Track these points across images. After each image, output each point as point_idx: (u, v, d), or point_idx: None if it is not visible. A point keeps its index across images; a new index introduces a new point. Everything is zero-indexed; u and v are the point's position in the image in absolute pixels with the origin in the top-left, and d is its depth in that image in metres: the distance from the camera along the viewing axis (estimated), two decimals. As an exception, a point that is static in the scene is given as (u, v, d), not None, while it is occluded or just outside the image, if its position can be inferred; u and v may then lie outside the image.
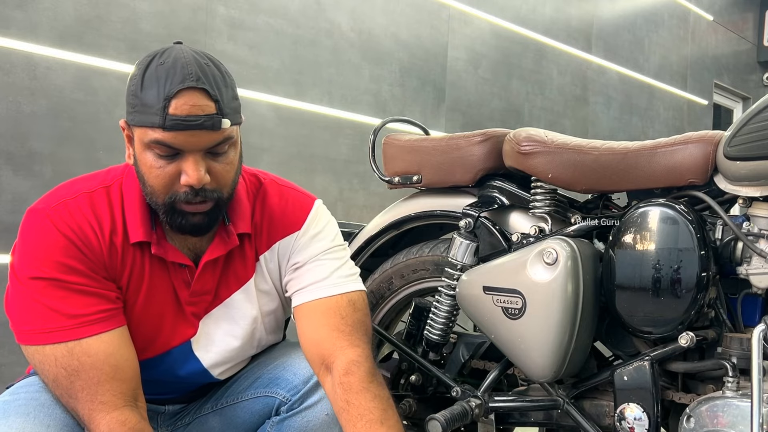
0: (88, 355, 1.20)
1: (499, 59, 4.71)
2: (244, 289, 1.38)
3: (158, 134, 1.18)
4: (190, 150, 1.20)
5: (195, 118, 1.18)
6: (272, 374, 1.41)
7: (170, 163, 1.21)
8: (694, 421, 1.37)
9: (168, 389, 1.41)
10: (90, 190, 1.28)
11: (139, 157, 1.24)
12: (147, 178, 1.23)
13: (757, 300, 1.43)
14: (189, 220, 1.25)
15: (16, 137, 2.60)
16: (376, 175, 1.84)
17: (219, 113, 1.21)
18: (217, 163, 1.24)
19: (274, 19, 3.45)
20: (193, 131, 1.18)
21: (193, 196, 1.22)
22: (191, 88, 1.18)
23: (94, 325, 1.21)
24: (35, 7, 2.65)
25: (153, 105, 1.18)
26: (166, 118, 1.17)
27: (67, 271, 1.21)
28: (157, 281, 1.31)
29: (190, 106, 1.18)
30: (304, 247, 1.40)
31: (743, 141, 1.36)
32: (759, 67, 8.06)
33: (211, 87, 1.20)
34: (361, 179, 3.86)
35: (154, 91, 1.18)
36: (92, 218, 1.26)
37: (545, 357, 1.45)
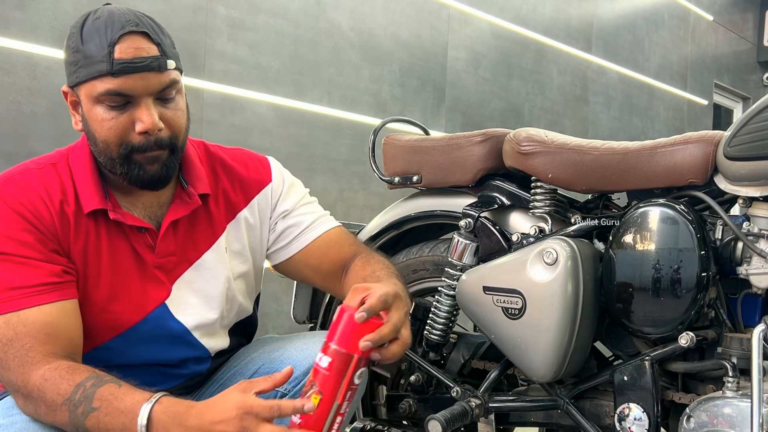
0: (24, 324, 1.18)
1: (499, 59, 4.72)
2: (213, 249, 1.40)
3: (107, 83, 1.19)
4: (140, 94, 1.21)
5: (141, 59, 1.20)
6: (270, 368, 1.41)
7: (122, 113, 1.22)
8: (694, 421, 1.37)
9: (158, 376, 1.39)
10: (38, 167, 1.30)
11: (88, 116, 1.24)
12: (99, 133, 1.24)
13: (757, 300, 1.43)
14: (147, 171, 1.25)
15: (16, 137, 2.60)
16: (376, 175, 1.84)
17: (163, 55, 1.23)
18: (167, 109, 1.26)
19: (274, 19, 3.45)
20: (141, 73, 1.20)
21: (149, 144, 1.24)
22: (132, 33, 1.20)
23: (34, 297, 1.20)
24: (35, 7, 2.65)
25: (97, 54, 1.19)
26: (113, 63, 1.18)
27: (12, 244, 1.21)
28: (117, 248, 1.30)
29: (134, 49, 1.20)
30: (286, 196, 1.49)
31: (743, 141, 1.36)
32: (759, 67, 8.07)
33: (152, 31, 1.23)
34: (361, 179, 3.86)
35: (96, 41, 1.20)
36: (42, 190, 1.26)
37: (545, 357, 1.45)
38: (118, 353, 1.33)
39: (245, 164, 1.48)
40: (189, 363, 1.42)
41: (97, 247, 1.29)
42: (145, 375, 1.36)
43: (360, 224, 1.96)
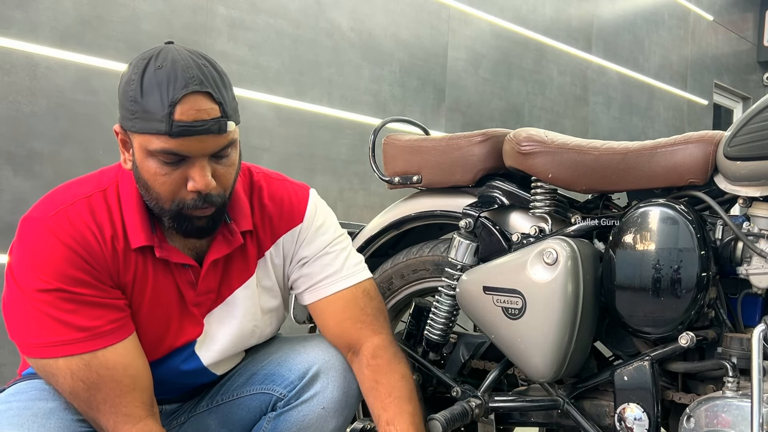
0: (106, 368, 1.19)
1: (499, 59, 4.72)
2: (246, 285, 1.38)
3: (164, 142, 1.16)
4: (196, 156, 1.18)
5: (202, 123, 1.16)
6: (267, 371, 1.41)
7: (176, 169, 1.19)
8: (694, 421, 1.37)
9: (166, 389, 1.41)
10: (87, 195, 1.26)
11: (141, 165, 1.21)
12: (152, 185, 1.21)
13: (757, 300, 1.43)
14: (195, 225, 1.24)
15: (16, 137, 2.60)
16: (376, 175, 1.84)
17: (224, 116, 1.19)
18: (220, 165, 1.23)
19: (274, 19, 3.45)
20: (200, 136, 1.16)
21: (200, 202, 1.21)
22: (195, 93, 1.16)
23: (107, 336, 1.21)
24: (35, 7, 2.65)
25: (157, 112, 1.15)
26: (173, 125, 1.14)
27: (73, 283, 1.19)
28: (161, 283, 1.30)
29: (196, 111, 1.15)
30: (310, 241, 1.41)
31: (743, 141, 1.36)
32: (759, 67, 8.06)
33: (214, 89, 1.18)
34: (361, 179, 3.86)
35: (156, 97, 1.15)
36: (93, 225, 1.23)
37: (545, 357, 1.45)
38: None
39: (281, 201, 1.42)
40: (198, 384, 1.45)
41: (143, 281, 1.29)
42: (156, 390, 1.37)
43: (360, 224, 1.96)
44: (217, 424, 1.44)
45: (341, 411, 1.38)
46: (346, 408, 1.39)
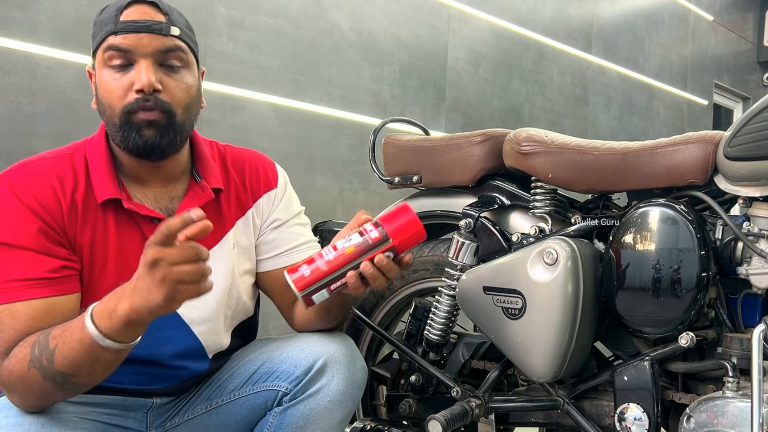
0: (11, 317, 1.20)
1: (499, 59, 4.72)
2: (220, 244, 1.41)
3: (110, 41, 1.26)
4: (140, 54, 1.26)
5: (144, 21, 1.27)
6: (269, 368, 1.41)
7: (124, 74, 1.26)
8: (694, 421, 1.37)
9: (153, 373, 1.39)
10: (53, 156, 1.32)
11: (98, 84, 1.29)
12: (105, 98, 1.28)
13: (757, 300, 1.43)
14: (142, 135, 1.27)
15: (16, 137, 2.60)
16: (376, 175, 1.84)
17: (169, 22, 1.29)
18: (169, 78, 1.29)
19: (274, 19, 3.45)
20: (142, 33, 1.26)
21: (143, 101, 1.26)
22: (142, 2, 1.29)
23: (27, 290, 1.21)
24: (35, 7, 2.65)
25: (107, 18, 1.28)
26: (117, 24, 1.26)
27: (14, 234, 1.22)
28: (126, 239, 1.31)
29: (140, 13, 1.27)
30: (285, 206, 1.50)
31: (743, 141, 1.36)
32: (759, 67, 8.07)
33: (163, 5, 1.30)
34: (361, 179, 3.86)
35: (109, 10, 1.29)
36: (54, 179, 1.28)
37: (545, 357, 1.45)
38: None
39: (255, 165, 1.50)
40: (186, 361, 1.41)
41: (104, 237, 1.30)
42: (141, 374, 1.36)
43: (360, 224, 1.96)
44: (217, 425, 1.43)
45: (346, 403, 1.40)
46: (351, 400, 1.41)
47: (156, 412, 1.43)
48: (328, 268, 1.24)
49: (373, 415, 1.91)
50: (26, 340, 1.18)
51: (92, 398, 1.32)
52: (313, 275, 1.24)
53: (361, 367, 1.43)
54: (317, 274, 1.24)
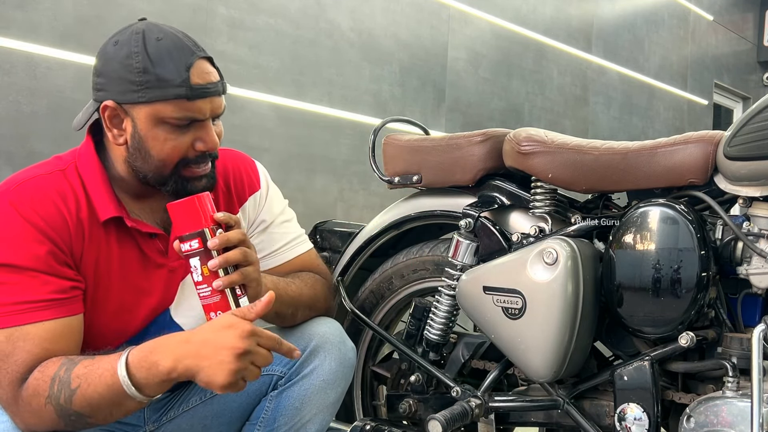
0: (23, 340, 1.17)
1: (499, 59, 4.72)
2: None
3: (181, 106, 1.22)
4: (207, 117, 1.26)
5: (213, 85, 1.25)
6: None
7: (185, 133, 1.25)
8: (694, 421, 1.37)
9: None
10: (47, 173, 1.28)
11: (146, 135, 1.24)
12: (157, 151, 1.25)
13: (757, 300, 1.43)
14: (196, 186, 1.28)
15: (16, 137, 2.60)
16: (376, 175, 1.84)
17: (222, 79, 1.29)
18: (216, 127, 1.31)
19: (274, 19, 3.45)
20: (211, 98, 1.25)
21: (202, 159, 1.28)
22: (201, 58, 1.26)
23: (38, 312, 1.18)
24: (35, 7, 2.65)
25: (174, 78, 1.21)
26: (192, 88, 1.22)
27: (22, 256, 1.19)
28: (127, 256, 1.31)
29: (206, 74, 1.25)
30: (269, 206, 1.51)
31: (743, 141, 1.36)
32: (759, 67, 8.07)
33: (210, 57, 1.29)
34: (361, 179, 3.86)
35: (170, 64, 1.21)
36: (57, 197, 1.25)
37: (545, 357, 1.45)
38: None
39: (238, 168, 1.49)
40: None
41: (108, 255, 1.29)
42: None
43: (360, 224, 1.96)
44: (213, 415, 1.45)
45: (339, 382, 1.44)
46: (343, 379, 1.45)
47: (153, 407, 1.44)
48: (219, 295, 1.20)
49: (373, 415, 1.91)
50: (45, 370, 1.15)
51: None
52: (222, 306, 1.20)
53: (350, 347, 1.47)
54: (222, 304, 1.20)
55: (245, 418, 1.46)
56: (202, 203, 1.20)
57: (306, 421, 1.41)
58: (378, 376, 1.90)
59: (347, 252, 1.89)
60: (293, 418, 1.40)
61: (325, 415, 1.44)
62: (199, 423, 1.45)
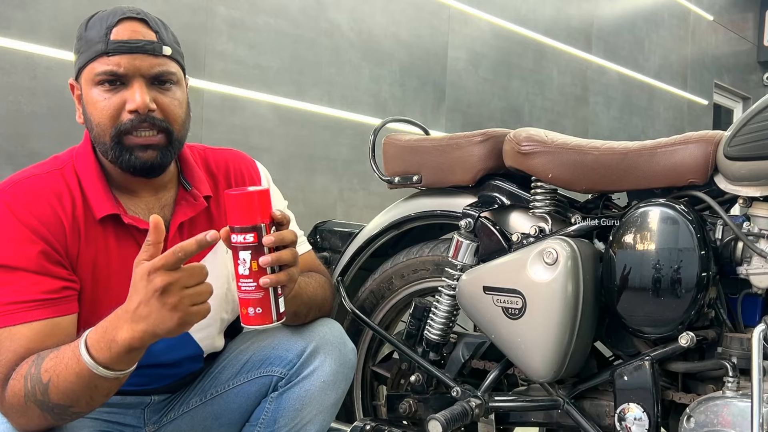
0: (10, 340, 1.16)
1: (499, 59, 4.72)
2: (214, 250, 1.40)
3: (102, 63, 1.23)
4: (132, 74, 1.24)
5: (136, 41, 1.24)
6: (261, 356, 1.43)
7: (115, 93, 1.24)
8: (694, 421, 1.37)
9: (152, 375, 1.40)
10: (43, 172, 1.28)
11: (86, 101, 1.26)
12: (94, 116, 1.25)
13: (757, 300, 1.43)
14: (139, 157, 1.26)
15: (16, 137, 2.60)
16: (376, 175, 1.84)
17: (160, 41, 1.27)
18: (162, 95, 1.27)
19: (274, 19, 3.45)
20: (134, 54, 1.23)
21: (138, 122, 1.24)
22: (132, 18, 1.26)
23: (26, 312, 1.17)
24: (35, 7, 2.65)
25: (96, 36, 1.24)
26: (108, 44, 1.23)
27: (14, 256, 1.19)
28: (126, 254, 1.29)
29: (131, 32, 1.25)
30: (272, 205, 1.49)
31: (743, 141, 1.36)
32: (759, 67, 8.07)
33: (152, 22, 1.28)
34: (361, 179, 3.86)
35: (96, 27, 1.25)
36: (52, 198, 1.25)
37: (545, 357, 1.45)
38: None
39: (239, 167, 1.49)
40: (184, 362, 1.43)
41: (106, 253, 1.29)
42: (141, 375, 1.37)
43: (360, 224, 1.96)
44: (213, 416, 1.45)
45: (339, 383, 1.43)
46: (343, 380, 1.44)
47: (153, 408, 1.44)
48: (263, 292, 1.19)
49: (373, 415, 1.91)
50: (19, 370, 1.15)
51: None
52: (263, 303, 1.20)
53: (350, 348, 1.46)
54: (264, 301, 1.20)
55: (245, 420, 1.46)
56: (264, 197, 1.19)
57: (306, 422, 1.41)
58: (378, 376, 1.90)
59: (347, 252, 1.89)
60: (293, 420, 1.40)
61: (326, 416, 1.43)
62: (200, 424, 1.45)
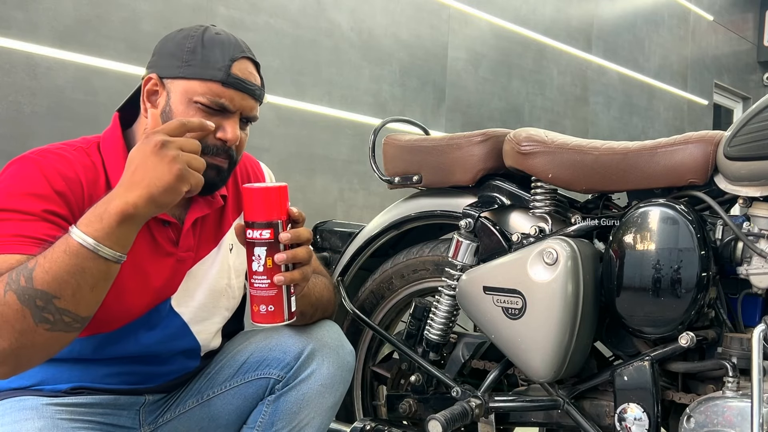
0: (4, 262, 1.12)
1: (499, 59, 4.72)
2: (219, 246, 1.44)
3: (215, 89, 1.28)
4: (235, 111, 1.31)
5: (251, 83, 1.32)
6: (258, 357, 1.43)
7: (211, 117, 1.29)
8: (694, 421, 1.37)
9: (146, 373, 1.40)
10: (71, 148, 1.31)
11: (175, 111, 1.29)
12: None
13: (757, 300, 1.43)
14: (206, 174, 1.26)
15: (16, 137, 2.60)
16: (376, 175, 1.84)
17: (263, 88, 1.37)
18: (242, 132, 1.36)
19: (274, 19, 3.45)
20: (245, 95, 1.31)
21: (221, 151, 1.31)
22: (249, 59, 1.34)
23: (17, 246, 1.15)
24: (35, 7, 2.65)
25: (217, 62, 1.29)
26: (230, 76, 1.29)
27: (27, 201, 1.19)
28: (139, 240, 1.26)
29: (248, 73, 1.33)
30: None
31: (743, 141, 1.36)
32: (759, 67, 8.07)
33: (259, 67, 1.37)
34: (361, 179, 3.86)
35: (218, 51, 1.30)
36: (79, 168, 1.27)
37: (545, 357, 1.45)
38: (121, 340, 1.34)
39: (245, 166, 1.53)
40: (179, 358, 1.43)
41: None
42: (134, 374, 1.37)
43: (360, 224, 1.96)
44: (209, 418, 1.44)
45: (337, 386, 1.43)
46: (341, 383, 1.44)
47: (148, 409, 1.44)
48: (276, 289, 1.19)
49: (373, 415, 1.91)
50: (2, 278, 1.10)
51: (85, 399, 1.33)
52: (275, 301, 1.20)
53: (349, 350, 1.46)
54: (276, 299, 1.20)
55: (242, 422, 1.45)
56: (283, 194, 1.20)
57: (304, 425, 1.41)
58: (378, 376, 1.90)
59: (347, 252, 1.89)
60: (290, 423, 1.40)
61: (323, 419, 1.43)
62: (196, 426, 1.45)
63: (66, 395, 1.32)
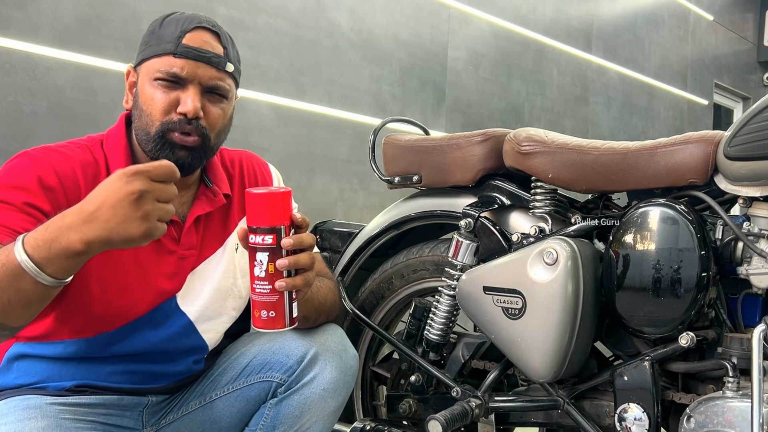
0: None
1: (499, 59, 4.72)
2: (224, 246, 1.44)
3: (168, 61, 1.28)
4: (191, 80, 1.30)
5: (204, 51, 1.31)
6: (261, 360, 1.43)
7: (171, 92, 1.29)
8: (694, 421, 1.37)
9: (149, 372, 1.40)
10: (74, 146, 1.33)
11: (141, 92, 1.32)
12: (146, 108, 1.30)
13: (757, 300, 1.43)
14: (176, 154, 1.30)
15: (16, 137, 2.60)
16: (376, 175, 1.84)
17: (226, 57, 1.33)
18: (211, 104, 1.33)
19: (274, 19, 3.45)
20: (200, 63, 1.30)
21: (185, 124, 1.29)
22: (206, 29, 1.32)
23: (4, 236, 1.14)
24: (35, 7, 2.65)
25: (169, 35, 1.30)
26: (179, 46, 1.29)
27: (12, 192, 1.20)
28: None
29: (202, 41, 1.31)
30: None
31: (743, 141, 1.36)
32: (759, 67, 8.07)
33: (223, 37, 1.34)
34: (361, 179, 3.86)
35: (172, 26, 1.31)
36: (77, 164, 1.29)
37: (545, 357, 1.45)
38: (127, 338, 1.34)
39: (252, 166, 1.54)
40: (183, 358, 1.43)
41: None
42: (137, 373, 1.37)
43: (360, 224, 1.96)
44: (212, 420, 1.44)
45: (340, 390, 1.42)
46: (344, 387, 1.43)
47: (151, 410, 1.44)
48: (277, 295, 1.18)
49: (373, 415, 1.91)
50: None
51: (88, 399, 1.33)
52: (276, 307, 1.19)
53: (352, 355, 1.45)
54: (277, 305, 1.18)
55: (244, 424, 1.45)
56: (286, 199, 1.19)
57: (306, 429, 1.40)
58: (378, 376, 1.90)
59: (347, 252, 1.89)
60: (292, 427, 1.39)
61: (326, 423, 1.42)
62: (198, 427, 1.45)
63: (70, 393, 1.32)
